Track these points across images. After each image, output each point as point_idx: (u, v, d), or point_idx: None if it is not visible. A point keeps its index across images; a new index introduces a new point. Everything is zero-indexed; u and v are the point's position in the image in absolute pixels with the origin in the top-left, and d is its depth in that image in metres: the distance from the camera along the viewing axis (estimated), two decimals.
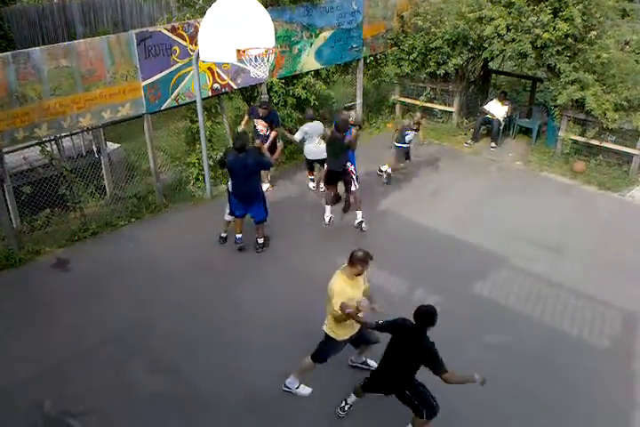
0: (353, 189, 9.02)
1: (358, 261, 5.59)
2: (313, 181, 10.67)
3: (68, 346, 6.83)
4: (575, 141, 11.41)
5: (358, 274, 5.69)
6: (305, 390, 6.27)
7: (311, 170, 10.59)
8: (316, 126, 10.06)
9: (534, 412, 6.08)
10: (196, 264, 8.36)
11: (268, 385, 6.32)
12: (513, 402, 6.20)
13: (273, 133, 9.94)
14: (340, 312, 5.52)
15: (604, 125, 10.68)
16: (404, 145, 10.54)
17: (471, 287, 7.99)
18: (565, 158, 11.51)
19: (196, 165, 10.20)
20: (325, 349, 6.02)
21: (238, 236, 8.66)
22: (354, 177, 8.99)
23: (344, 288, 5.62)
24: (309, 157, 10.29)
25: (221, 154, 9.04)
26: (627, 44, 13.53)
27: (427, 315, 5.16)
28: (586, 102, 10.66)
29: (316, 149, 9.99)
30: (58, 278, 8.05)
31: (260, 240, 8.68)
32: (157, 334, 7.04)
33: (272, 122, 9.88)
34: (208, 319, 7.30)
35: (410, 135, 10.48)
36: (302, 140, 10.07)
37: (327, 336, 5.96)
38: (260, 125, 9.84)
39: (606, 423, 6.05)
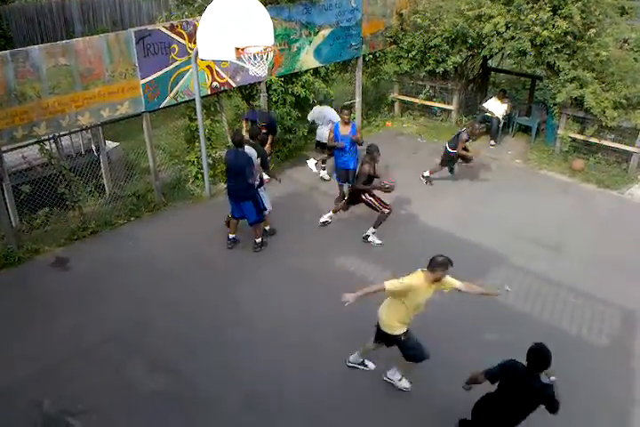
0: (385, 211, 8.72)
1: (439, 267, 5.50)
2: (323, 165, 10.81)
3: (67, 345, 6.82)
4: (574, 139, 11.42)
5: (436, 280, 5.60)
6: (405, 383, 6.27)
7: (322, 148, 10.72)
8: (318, 111, 10.45)
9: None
10: (195, 263, 8.36)
11: (267, 384, 6.31)
12: None
13: (270, 138, 9.96)
14: (382, 285, 5.58)
15: (603, 123, 10.70)
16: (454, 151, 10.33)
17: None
18: (564, 156, 11.52)
19: (195, 163, 10.19)
20: (413, 347, 5.93)
21: (231, 236, 8.68)
22: (376, 205, 8.73)
23: (418, 286, 5.55)
24: (317, 138, 10.75)
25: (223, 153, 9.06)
26: (625, 41, 13.53)
27: (540, 355, 4.81)
28: (585, 100, 10.67)
29: (322, 131, 10.43)
30: (57, 277, 8.04)
31: (258, 240, 8.67)
32: (157, 333, 7.04)
33: (271, 128, 9.93)
34: (207, 318, 7.30)
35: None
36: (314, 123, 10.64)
37: (398, 337, 5.89)
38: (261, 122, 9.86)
39: (606, 421, 6.06)
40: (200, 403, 6.10)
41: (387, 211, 8.71)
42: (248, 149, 8.21)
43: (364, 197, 8.73)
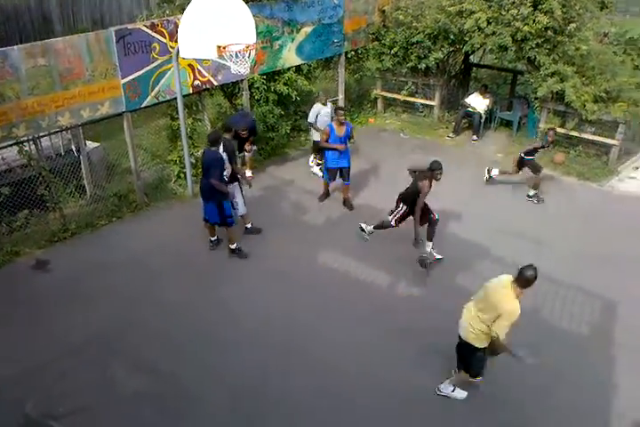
0: (392, 225, 8.39)
1: (530, 283, 5.28)
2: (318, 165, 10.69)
3: (51, 346, 6.75)
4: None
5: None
6: (461, 393, 6.13)
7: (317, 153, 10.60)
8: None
9: (521, 399, 6.15)
10: (178, 263, 8.30)
11: (251, 385, 6.29)
12: (498, 390, 6.25)
13: (250, 140, 9.96)
14: (502, 337, 5.27)
15: (584, 117, 10.80)
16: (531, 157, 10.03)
17: (456, 279, 8.02)
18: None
19: (178, 162, 10.13)
20: (482, 362, 5.79)
21: (212, 238, 8.60)
22: (395, 215, 8.31)
23: (517, 309, 5.25)
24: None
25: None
26: (605, 35, 13.65)
27: None
28: (565, 94, 10.77)
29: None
30: (38, 280, 7.94)
31: (232, 246, 8.43)
32: (142, 334, 6.99)
33: (251, 131, 9.90)
34: (192, 318, 7.26)
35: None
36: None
37: (478, 349, 5.67)
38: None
39: (587, 406, 6.12)
40: (186, 404, 6.08)
41: (394, 226, 8.38)
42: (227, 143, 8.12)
43: (400, 202, 8.23)
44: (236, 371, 6.47)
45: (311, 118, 10.45)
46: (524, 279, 5.27)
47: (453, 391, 6.16)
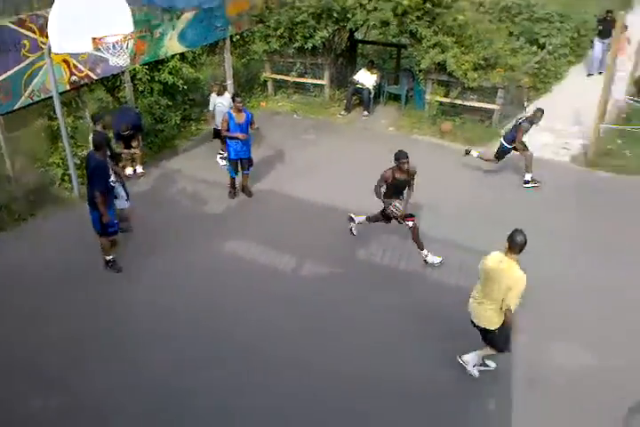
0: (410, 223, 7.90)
1: (523, 247, 5.31)
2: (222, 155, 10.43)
3: None
4: (441, 103, 11.90)
5: None
6: (475, 371, 6.16)
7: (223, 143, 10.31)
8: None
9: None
10: (73, 271, 7.85)
11: (174, 385, 6.17)
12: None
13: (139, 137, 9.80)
14: (513, 307, 5.35)
15: (466, 85, 11.22)
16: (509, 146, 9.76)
17: (355, 252, 8.24)
18: (433, 120, 11.98)
19: (61, 164, 9.63)
20: (500, 336, 5.78)
21: None
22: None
23: (522, 277, 5.33)
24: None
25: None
26: (481, 4, 14.18)
27: None
28: (447, 64, 11.13)
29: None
30: None
31: (107, 257, 7.80)
32: (43, 350, 6.62)
33: (136, 127, 9.70)
34: (94, 326, 6.95)
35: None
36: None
37: (490, 330, 5.73)
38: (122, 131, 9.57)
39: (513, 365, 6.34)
40: (98, 415, 5.83)
41: (409, 224, 7.90)
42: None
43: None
44: (153, 363, 6.34)
45: (210, 107, 10.42)
46: (518, 245, 5.34)
47: (473, 367, 6.16)
